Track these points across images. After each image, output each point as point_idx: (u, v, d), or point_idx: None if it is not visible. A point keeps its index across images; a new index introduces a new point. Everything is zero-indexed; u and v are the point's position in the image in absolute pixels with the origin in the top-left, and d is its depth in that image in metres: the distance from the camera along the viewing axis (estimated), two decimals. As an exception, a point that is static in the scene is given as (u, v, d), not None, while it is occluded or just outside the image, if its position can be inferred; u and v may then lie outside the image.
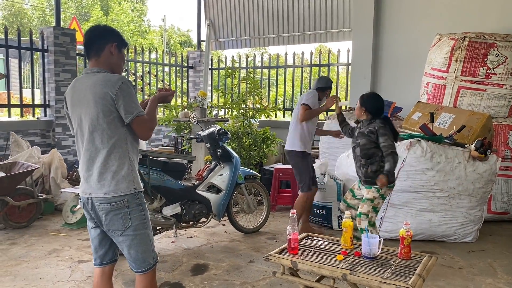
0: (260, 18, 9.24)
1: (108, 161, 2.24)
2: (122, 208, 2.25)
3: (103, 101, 2.21)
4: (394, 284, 2.19)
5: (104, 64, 2.33)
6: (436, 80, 5.74)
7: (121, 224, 2.26)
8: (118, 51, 2.36)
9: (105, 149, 2.24)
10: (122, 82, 2.23)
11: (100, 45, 2.32)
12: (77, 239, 4.59)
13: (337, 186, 5.11)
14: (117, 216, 2.25)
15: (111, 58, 2.34)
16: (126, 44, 2.44)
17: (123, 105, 2.20)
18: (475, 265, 3.99)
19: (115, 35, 2.37)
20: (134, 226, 2.28)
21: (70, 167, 6.42)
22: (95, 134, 2.25)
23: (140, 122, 2.25)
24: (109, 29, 2.40)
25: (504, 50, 5.35)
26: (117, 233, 2.29)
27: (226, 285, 3.50)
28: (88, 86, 2.26)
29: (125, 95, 2.20)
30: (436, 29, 6.27)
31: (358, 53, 7.60)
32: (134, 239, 2.29)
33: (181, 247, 4.38)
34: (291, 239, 2.60)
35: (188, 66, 9.82)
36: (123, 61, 2.43)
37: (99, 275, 2.47)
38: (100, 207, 2.26)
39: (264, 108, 6.90)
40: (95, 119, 2.23)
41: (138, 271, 2.36)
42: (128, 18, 26.76)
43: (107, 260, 2.46)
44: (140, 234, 2.30)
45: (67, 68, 6.91)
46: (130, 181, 2.27)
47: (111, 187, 2.24)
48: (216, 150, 4.62)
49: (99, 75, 2.28)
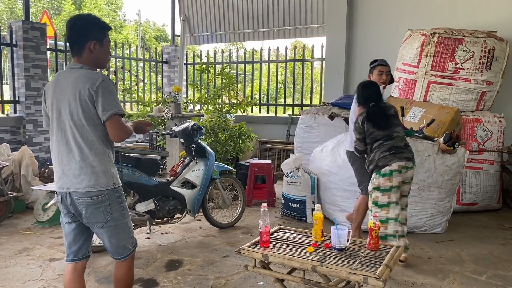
0: (235, 13, 9.23)
1: (88, 156, 2.28)
2: (103, 201, 2.31)
3: (83, 97, 2.23)
4: (362, 275, 2.24)
5: (86, 61, 2.34)
6: (407, 75, 5.86)
7: (102, 217, 2.32)
8: (100, 46, 2.35)
9: (85, 145, 2.28)
10: (103, 79, 2.25)
11: (80, 44, 2.32)
12: (49, 237, 4.52)
13: (311, 180, 5.17)
14: (98, 209, 2.31)
15: (92, 55, 2.34)
16: (107, 31, 2.41)
17: (101, 102, 2.22)
18: (444, 255, 4.11)
19: (94, 31, 2.33)
20: (114, 217, 2.35)
21: (42, 165, 6.29)
22: (74, 130, 2.27)
23: (115, 122, 2.26)
24: (88, 25, 2.34)
25: (471, 45, 5.50)
26: (98, 225, 2.35)
27: (200, 280, 3.51)
28: (70, 81, 2.28)
29: (104, 92, 2.22)
30: (407, 25, 6.39)
31: (331, 48, 7.69)
32: (114, 230, 2.37)
33: (155, 243, 4.37)
34: (262, 232, 2.63)
35: (163, 61, 9.73)
36: (106, 53, 2.41)
37: (71, 271, 2.47)
38: (80, 201, 2.30)
39: (240, 103, 6.90)
40: (75, 115, 2.26)
41: (119, 258, 2.45)
42: (102, 12, 26.25)
43: (80, 256, 2.48)
44: (120, 224, 2.39)
45: (37, 63, 6.75)
46: (109, 176, 2.32)
47: (91, 181, 2.27)
48: (191, 146, 4.60)
49: (81, 71, 2.30)
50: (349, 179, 4.71)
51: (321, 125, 6.39)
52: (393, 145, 3.52)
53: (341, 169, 4.81)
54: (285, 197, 5.29)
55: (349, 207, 4.72)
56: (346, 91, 7.58)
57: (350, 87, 7.65)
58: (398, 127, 3.64)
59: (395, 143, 3.52)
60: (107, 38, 2.41)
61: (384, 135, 3.54)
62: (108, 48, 2.42)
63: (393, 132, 3.55)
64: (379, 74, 4.11)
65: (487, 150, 5.58)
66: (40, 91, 6.77)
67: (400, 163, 3.46)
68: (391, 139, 3.53)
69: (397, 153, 3.48)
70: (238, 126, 6.81)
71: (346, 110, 6.22)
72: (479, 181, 5.56)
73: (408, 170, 3.53)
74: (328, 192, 5.04)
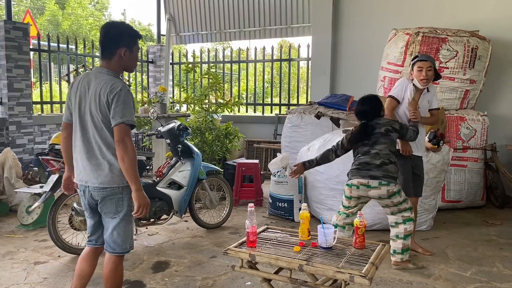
0: (221, 12, 9.20)
1: (106, 155, 2.48)
2: (117, 194, 2.52)
3: (102, 102, 2.43)
4: (348, 273, 2.25)
5: (115, 66, 2.54)
6: (392, 74, 5.90)
7: (114, 208, 2.54)
8: (130, 53, 2.55)
9: (103, 145, 2.48)
10: (120, 89, 2.42)
11: (112, 50, 2.52)
12: (34, 240, 4.45)
13: (298, 179, 5.18)
14: (111, 201, 2.53)
15: (122, 61, 2.54)
16: (138, 39, 2.62)
17: (113, 109, 2.40)
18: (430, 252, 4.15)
19: (126, 39, 2.53)
20: (124, 211, 2.56)
21: (26, 167, 6.19)
22: (94, 130, 2.49)
23: (121, 130, 2.40)
24: (120, 32, 2.53)
25: (455, 44, 5.57)
26: (109, 215, 2.57)
27: (187, 281, 3.49)
28: (95, 85, 2.47)
29: (118, 100, 2.40)
30: (392, 24, 6.45)
31: (317, 48, 7.72)
32: (120, 223, 2.56)
33: (142, 245, 4.33)
34: (249, 232, 2.63)
35: (148, 61, 9.66)
36: (135, 59, 2.62)
37: (89, 252, 2.74)
38: (96, 193, 2.54)
39: (227, 103, 6.89)
40: (96, 117, 2.47)
41: (113, 252, 2.60)
42: (86, 11, 25.96)
43: (100, 242, 2.74)
44: (126, 220, 2.58)
45: (20, 63, 6.64)
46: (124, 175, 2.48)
47: (107, 177, 2.49)
48: (177, 146, 4.58)
49: (106, 77, 2.48)
50: (336, 178, 4.74)
51: (308, 124, 6.41)
52: (364, 161, 3.46)
53: (328, 168, 4.82)
54: (273, 197, 5.30)
55: (336, 205, 4.73)
56: (332, 90, 7.62)
57: (336, 86, 7.69)
58: (382, 145, 3.46)
59: (368, 160, 3.44)
60: (137, 46, 2.61)
61: (364, 150, 3.51)
62: (137, 55, 2.64)
63: (373, 149, 3.47)
64: (418, 70, 3.86)
65: (471, 148, 5.65)
66: (23, 91, 6.67)
67: (360, 180, 3.41)
68: (367, 155, 3.47)
69: (362, 169, 3.43)
70: (225, 126, 6.79)
71: (332, 109, 6.25)
72: (464, 179, 5.63)
73: (371, 189, 3.38)
74: (315, 191, 5.06)
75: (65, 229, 4.14)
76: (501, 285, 3.45)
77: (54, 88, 8.05)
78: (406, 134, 3.65)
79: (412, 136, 3.69)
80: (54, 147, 4.04)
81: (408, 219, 3.54)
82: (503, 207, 5.82)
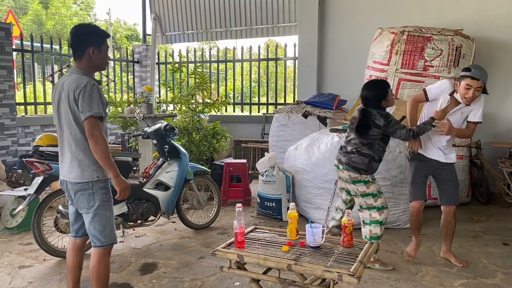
0: (207, 11, 9.16)
1: (75, 152, 2.62)
2: (87, 189, 2.64)
3: (71, 99, 2.55)
4: (337, 272, 2.25)
5: (85, 66, 2.65)
6: (378, 72, 5.94)
7: (86, 203, 2.66)
8: (98, 51, 2.64)
9: (73, 141, 2.62)
10: (85, 84, 2.52)
11: (81, 50, 2.62)
12: (18, 244, 4.38)
13: (286, 178, 5.18)
14: (83, 196, 2.65)
15: (92, 60, 2.64)
16: (105, 38, 2.71)
17: (80, 105, 2.52)
18: (416, 249, 4.19)
19: (94, 38, 2.63)
20: (96, 206, 2.66)
21: (9, 169, 6.09)
22: (66, 128, 2.63)
23: (89, 123, 2.52)
24: (87, 32, 2.64)
25: (440, 43, 5.62)
26: (83, 210, 2.70)
27: (175, 282, 3.47)
28: (67, 84, 2.60)
29: (84, 96, 2.50)
30: (378, 23, 6.49)
31: (304, 47, 7.73)
32: (94, 217, 2.67)
33: (129, 247, 4.29)
34: (237, 233, 2.61)
35: (134, 60, 9.57)
36: (104, 57, 2.71)
37: (72, 245, 2.92)
38: (70, 187, 2.69)
39: (214, 102, 6.86)
40: (67, 115, 2.60)
41: (94, 245, 2.72)
42: (70, 11, 25.64)
43: (80, 233, 2.89)
44: (99, 214, 2.67)
45: (2, 64, 6.52)
46: (94, 170, 2.63)
47: (77, 173, 2.63)
48: (163, 147, 4.54)
49: (75, 76, 2.60)
50: (323, 177, 4.75)
51: (295, 123, 6.42)
52: (342, 145, 3.69)
53: (315, 167, 4.84)
54: (261, 196, 5.29)
55: (323, 204, 4.75)
56: (319, 89, 7.64)
57: (322, 85, 7.71)
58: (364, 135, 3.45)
59: (344, 144, 3.64)
60: (105, 44, 2.70)
61: (350, 135, 3.60)
62: (106, 53, 2.72)
63: (349, 136, 3.58)
64: (466, 88, 3.40)
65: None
66: (6, 93, 6.55)
67: (335, 161, 3.69)
68: (348, 140, 3.60)
69: (338, 152, 3.69)
70: (212, 125, 6.76)
71: (319, 108, 6.27)
72: (449, 176, 5.69)
73: (339, 170, 3.62)
74: (303, 190, 5.06)
75: (50, 232, 4.08)
76: (487, 280, 3.49)
77: (38, 89, 7.92)
78: (394, 133, 3.46)
79: (403, 137, 3.48)
80: (38, 149, 3.96)
81: (375, 221, 3.52)
82: (488, 203, 5.90)
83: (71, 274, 2.89)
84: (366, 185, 3.50)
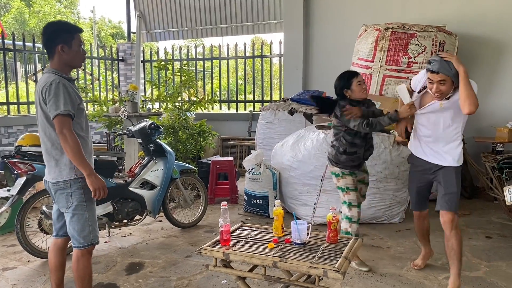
0: (192, 9, 9.11)
1: (51, 151, 2.61)
2: (65, 189, 2.62)
3: (40, 99, 2.54)
4: (322, 268, 2.27)
5: (56, 64, 2.60)
6: (363, 69, 5.97)
7: (64, 202, 2.64)
8: (68, 48, 2.57)
9: (48, 141, 2.61)
10: (51, 83, 2.48)
11: (51, 49, 2.58)
12: (1, 246, 4.31)
13: (273, 176, 5.19)
14: (62, 195, 2.64)
15: (63, 57, 2.58)
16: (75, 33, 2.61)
17: (48, 104, 2.49)
18: (402, 244, 4.24)
19: (62, 35, 2.56)
20: (74, 206, 2.63)
21: (-8, 170, 5.98)
22: (41, 128, 2.63)
23: (57, 122, 2.48)
24: (55, 30, 2.58)
25: (423, 40, 5.67)
26: (63, 209, 2.69)
27: (162, 281, 3.45)
28: (37, 85, 2.61)
29: (49, 94, 2.47)
30: (362, 20, 6.52)
31: (289, 44, 7.73)
32: (72, 217, 2.65)
33: (115, 247, 4.26)
34: (223, 231, 2.61)
35: (119, 59, 9.48)
36: (76, 53, 2.62)
37: (53, 245, 2.90)
38: (51, 186, 2.68)
39: (200, 100, 6.83)
40: (40, 115, 2.60)
41: (74, 246, 2.69)
42: (54, 9, 25.27)
43: (61, 233, 2.87)
44: (78, 214, 2.64)
45: (-17, 63, 6.41)
46: (71, 168, 2.60)
47: (56, 173, 2.62)
48: (149, 145, 4.51)
49: (45, 76, 2.58)
50: (310, 174, 4.77)
51: (281, 120, 6.42)
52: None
53: (301, 163, 4.86)
54: (248, 194, 5.29)
55: (310, 201, 4.78)
56: (305, 86, 7.66)
57: (308, 83, 7.72)
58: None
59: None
60: (76, 40, 2.60)
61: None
62: (77, 49, 2.62)
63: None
64: (429, 82, 3.08)
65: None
66: (-13, 92, 6.43)
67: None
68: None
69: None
70: (199, 124, 6.74)
71: (305, 105, 6.29)
72: (434, 171, 5.76)
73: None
74: (289, 187, 5.08)
75: (34, 233, 4.03)
76: (470, 273, 3.54)
77: (21, 88, 7.80)
78: (348, 122, 3.37)
79: (357, 127, 3.32)
80: (20, 149, 3.90)
81: (344, 216, 3.54)
82: (472, 197, 5.98)
83: (54, 275, 2.87)
84: (337, 178, 3.59)
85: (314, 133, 4.97)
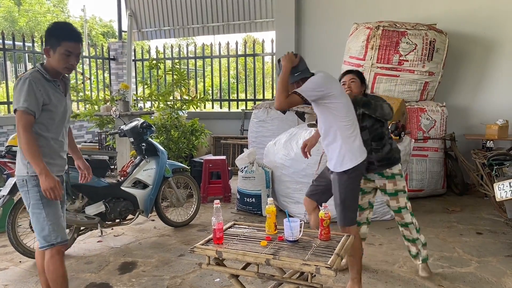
0: (184, 7, 9.09)
1: (19, 145, 2.54)
2: (23, 186, 2.57)
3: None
4: (314, 265, 2.28)
5: (46, 63, 2.59)
6: (354, 68, 6.00)
7: (24, 200, 2.60)
8: (52, 53, 2.53)
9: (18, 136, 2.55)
10: (20, 78, 2.49)
11: (44, 47, 2.59)
12: (-8, 247, 4.28)
13: (266, 174, 5.20)
14: (22, 193, 2.60)
15: (49, 60, 2.56)
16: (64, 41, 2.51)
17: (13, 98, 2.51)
18: (394, 240, 4.27)
19: (49, 39, 2.54)
20: (31, 204, 2.56)
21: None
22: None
23: (16, 116, 2.47)
24: (48, 31, 2.56)
25: (414, 38, 5.71)
26: (27, 207, 2.62)
27: (155, 280, 3.45)
28: None
29: (15, 88, 2.49)
30: (354, 18, 6.55)
31: (281, 43, 7.74)
32: (32, 217, 2.59)
33: (107, 247, 4.24)
34: (216, 229, 2.61)
35: (110, 58, 9.42)
36: (57, 61, 2.53)
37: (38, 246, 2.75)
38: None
39: (192, 99, 6.82)
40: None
41: (39, 246, 2.61)
42: (44, 8, 25.06)
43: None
44: (35, 213, 2.56)
45: (-28, 62, 6.35)
46: (24, 165, 2.55)
47: (16, 168, 2.62)
48: (141, 145, 4.50)
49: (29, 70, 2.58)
50: (302, 172, 4.78)
51: (274, 119, 6.43)
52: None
53: (294, 162, 4.87)
54: (240, 192, 5.30)
55: (302, 199, 4.77)
56: (297, 84, 7.66)
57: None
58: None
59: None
60: (61, 48, 2.50)
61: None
62: (63, 57, 2.52)
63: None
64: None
65: (431, 138, 5.83)
66: (-24, 92, 6.37)
67: None
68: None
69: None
70: (191, 122, 6.73)
71: (298, 104, 6.30)
72: (425, 168, 5.81)
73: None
74: (282, 185, 5.09)
75: (26, 234, 3.99)
76: (461, 269, 3.58)
77: (11, 88, 7.72)
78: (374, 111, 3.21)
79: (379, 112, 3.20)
80: (11, 149, 3.87)
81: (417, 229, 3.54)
82: (463, 194, 6.04)
83: (42, 277, 2.77)
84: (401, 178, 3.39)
85: (307, 131, 4.98)
